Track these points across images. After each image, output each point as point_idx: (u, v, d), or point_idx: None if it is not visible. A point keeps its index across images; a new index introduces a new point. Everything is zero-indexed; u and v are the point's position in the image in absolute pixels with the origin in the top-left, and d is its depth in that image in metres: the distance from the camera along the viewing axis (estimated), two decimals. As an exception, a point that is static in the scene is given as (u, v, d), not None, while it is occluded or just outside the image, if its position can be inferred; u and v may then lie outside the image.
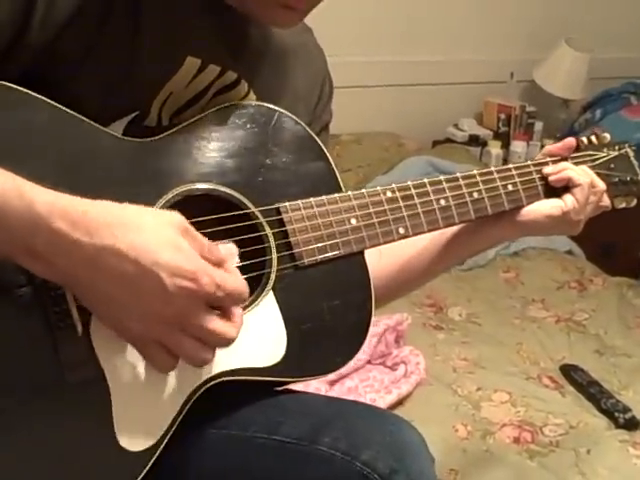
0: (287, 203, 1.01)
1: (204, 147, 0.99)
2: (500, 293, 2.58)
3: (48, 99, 0.88)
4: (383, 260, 1.19)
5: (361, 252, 1.06)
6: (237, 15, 1.00)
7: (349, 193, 1.06)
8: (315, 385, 1.85)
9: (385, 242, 1.07)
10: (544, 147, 1.29)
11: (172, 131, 0.98)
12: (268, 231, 1.00)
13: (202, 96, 1.02)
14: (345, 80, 2.90)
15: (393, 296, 1.28)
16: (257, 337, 0.98)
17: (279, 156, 1.04)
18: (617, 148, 1.29)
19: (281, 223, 1.00)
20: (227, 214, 0.98)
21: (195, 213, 0.95)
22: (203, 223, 0.94)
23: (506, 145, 3.47)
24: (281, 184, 1.03)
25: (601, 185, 1.21)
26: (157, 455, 0.91)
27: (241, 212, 0.99)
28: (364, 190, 1.07)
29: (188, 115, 1.01)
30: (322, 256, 1.02)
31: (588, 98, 3.60)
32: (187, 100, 1.01)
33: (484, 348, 2.21)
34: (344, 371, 1.96)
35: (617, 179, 1.28)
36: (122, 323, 0.82)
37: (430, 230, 1.12)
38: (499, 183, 1.17)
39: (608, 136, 1.30)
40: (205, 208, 0.96)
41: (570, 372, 2.12)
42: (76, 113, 0.90)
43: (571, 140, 1.25)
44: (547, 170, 1.21)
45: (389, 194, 1.08)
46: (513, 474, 1.71)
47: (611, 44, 3.69)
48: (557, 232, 1.26)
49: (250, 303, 0.98)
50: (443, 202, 1.12)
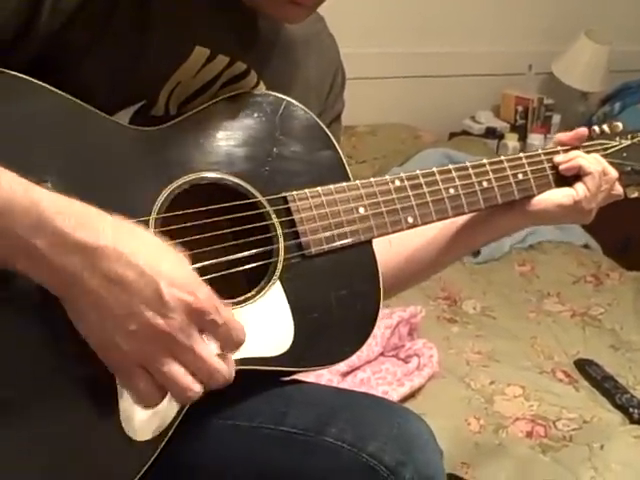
0: (294, 192, 1.00)
1: (211, 136, 0.99)
2: (515, 286, 2.56)
3: (54, 87, 0.88)
4: (392, 250, 1.18)
5: (369, 241, 1.05)
6: (247, 7, 1.00)
7: (357, 182, 1.05)
8: (327, 377, 1.85)
9: (394, 231, 1.06)
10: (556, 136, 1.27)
11: (178, 120, 0.98)
12: (275, 220, 0.99)
13: (210, 86, 1.02)
14: (362, 71, 2.91)
15: (402, 286, 1.27)
16: (264, 327, 0.97)
17: (287, 145, 1.03)
18: (630, 137, 1.27)
19: (288, 212, 1.00)
20: (234, 203, 0.97)
21: (201, 202, 0.94)
22: (210, 212, 0.94)
23: (523, 138, 3.44)
24: (288, 173, 1.02)
25: (613, 173, 1.20)
26: (163, 445, 0.90)
27: (248, 201, 0.98)
28: (372, 179, 1.05)
29: (196, 105, 1.00)
30: (329, 245, 1.01)
31: (607, 91, 3.57)
32: (195, 90, 1.01)
33: (498, 342, 2.20)
34: (357, 363, 1.96)
35: (630, 168, 1.26)
36: (110, 339, 0.78)
37: (439, 219, 1.11)
38: (509, 172, 1.16)
39: (621, 125, 1.28)
40: (212, 197, 0.95)
41: (585, 367, 2.10)
42: (82, 102, 0.89)
43: (583, 130, 1.23)
44: (558, 159, 1.20)
45: (397, 183, 1.07)
46: (525, 468, 1.70)
47: (631, 37, 3.66)
48: (568, 221, 1.24)
49: (257, 292, 0.97)
50: (452, 191, 1.11)
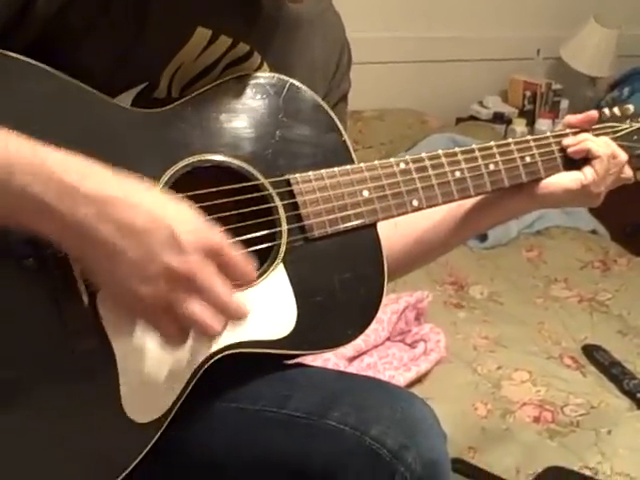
0: (298, 175, 1.00)
1: (214, 118, 0.98)
2: (522, 272, 2.55)
3: (54, 69, 0.87)
4: (398, 232, 1.17)
5: (373, 224, 1.04)
6: None
7: (361, 165, 1.04)
8: (334, 361, 1.85)
9: (398, 214, 1.06)
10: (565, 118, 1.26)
11: (181, 102, 0.97)
12: (278, 203, 0.98)
13: (213, 68, 1.01)
14: (369, 56, 2.90)
15: (408, 269, 1.26)
16: (267, 309, 0.97)
17: (290, 127, 1.02)
18: None
19: (291, 195, 0.99)
20: (237, 185, 0.97)
21: (204, 184, 0.94)
22: (212, 194, 0.93)
23: (531, 123, 3.42)
24: (292, 156, 1.01)
25: (622, 156, 1.18)
26: (165, 427, 0.90)
27: (251, 183, 0.98)
28: (377, 162, 1.05)
29: (199, 87, 1.00)
30: (333, 228, 1.01)
31: (616, 76, 3.55)
32: (198, 72, 1.00)
33: (505, 327, 2.20)
34: (363, 348, 1.95)
35: None
36: (130, 287, 0.78)
37: (445, 202, 1.10)
38: (517, 155, 1.15)
39: (632, 107, 1.26)
40: (214, 179, 0.95)
41: (592, 352, 2.09)
42: (82, 84, 0.89)
43: (593, 113, 1.22)
44: (566, 142, 1.18)
45: (402, 166, 1.06)
46: (532, 453, 1.70)
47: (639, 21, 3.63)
48: (576, 204, 1.23)
49: (260, 275, 0.96)
50: (458, 174, 1.10)
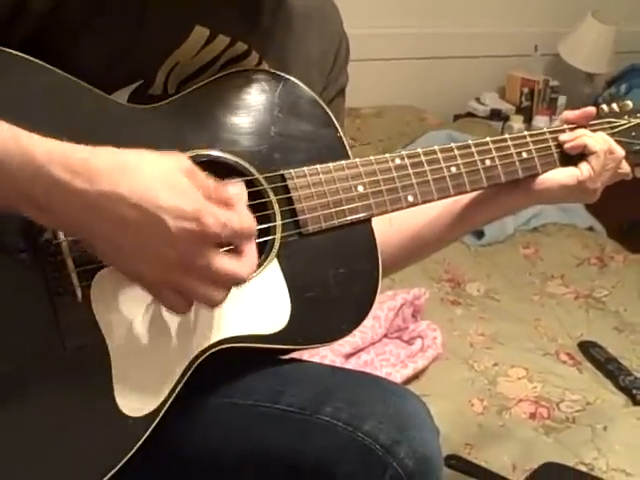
0: (292, 170, 0.99)
1: (209, 113, 0.98)
2: (519, 269, 2.55)
3: (50, 66, 0.87)
4: (394, 227, 1.17)
5: (368, 220, 1.04)
6: None
7: (356, 160, 1.04)
8: (331, 358, 1.85)
9: (393, 210, 1.05)
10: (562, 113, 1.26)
11: (176, 97, 0.97)
12: (272, 198, 0.98)
13: (210, 66, 1.01)
14: (367, 53, 2.89)
15: (403, 264, 1.26)
16: (261, 304, 0.97)
17: (285, 123, 1.02)
18: (639, 116, 1.25)
19: (286, 190, 0.99)
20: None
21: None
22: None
23: (528, 120, 3.42)
24: (287, 151, 1.01)
25: (619, 151, 1.18)
26: (158, 421, 0.90)
27: (245, 178, 0.98)
28: (372, 157, 1.04)
29: (195, 85, 0.99)
30: (328, 223, 1.01)
31: (613, 72, 3.55)
32: (195, 70, 1.00)
33: (502, 324, 2.20)
34: (360, 344, 1.95)
35: (638, 147, 1.23)
36: (133, 268, 0.81)
37: (440, 198, 1.09)
38: (513, 150, 1.14)
39: (630, 103, 1.26)
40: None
41: (588, 348, 2.10)
42: (79, 80, 0.89)
43: (591, 109, 1.21)
44: (563, 137, 1.18)
45: (398, 161, 1.06)
46: (528, 450, 1.70)
47: (637, 17, 3.63)
48: (573, 200, 1.23)
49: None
50: (454, 169, 1.10)
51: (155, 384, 0.90)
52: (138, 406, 0.89)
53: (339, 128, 1.07)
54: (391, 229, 1.16)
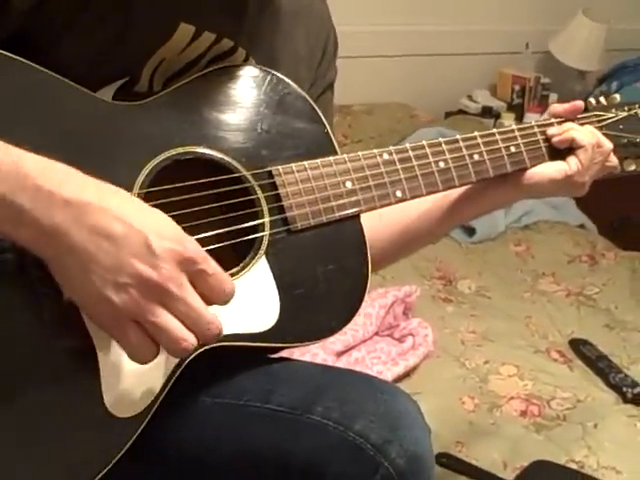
0: (280, 166, 0.99)
1: (195, 110, 0.97)
2: (510, 266, 2.55)
3: (33, 64, 0.86)
4: (383, 222, 1.17)
5: (357, 216, 1.04)
6: None
7: (344, 156, 1.03)
8: (322, 356, 1.84)
9: (382, 206, 1.05)
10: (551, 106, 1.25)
11: (162, 94, 0.96)
12: (260, 194, 0.97)
13: (196, 63, 1.00)
14: (357, 50, 2.90)
15: (393, 259, 1.26)
16: (249, 302, 0.96)
17: (272, 119, 1.01)
18: (627, 109, 1.25)
19: (273, 186, 0.98)
20: (218, 177, 0.96)
21: (185, 177, 0.93)
22: (194, 187, 0.93)
23: (520, 117, 3.42)
24: (274, 148, 1.00)
25: (607, 145, 1.17)
26: (147, 422, 0.89)
27: (233, 175, 0.97)
28: (360, 153, 1.04)
29: (181, 81, 0.99)
30: (316, 220, 1.00)
31: (604, 70, 3.55)
32: (181, 67, 0.99)
33: (493, 321, 2.20)
34: (352, 342, 1.95)
35: (626, 140, 1.23)
36: (99, 294, 0.77)
37: (429, 193, 1.09)
38: (501, 145, 1.14)
39: (618, 97, 1.26)
40: (196, 172, 0.94)
41: (579, 346, 2.10)
42: (63, 78, 0.88)
43: (579, 103, 1.21)
44: (551, 131, 1.18)
45: (386, 156, 1.05)
46: (519, 447, 1.70)
47: (628, 15, 3.63)
48: (562, 194, 1.23)
49: (242, 268, 0.96)
50: (442, 164, 1.09)
51: (144, 384, 0.89)
52: (127, 406, 0.88)
53: (327, 124, 1.06)
54: (380, 224, 1.16)
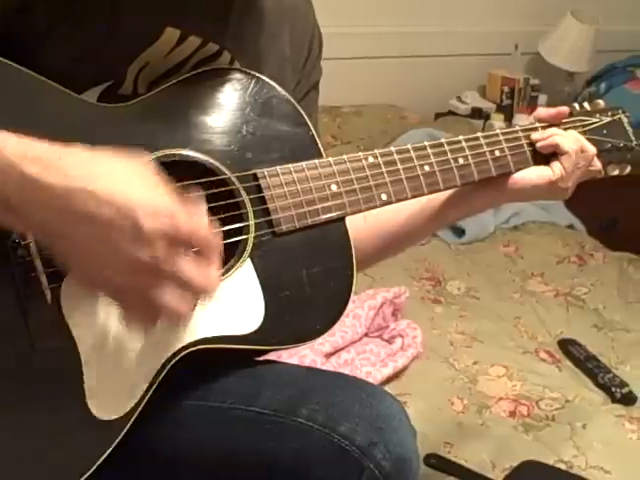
0: (265, 169, 0.99)
1: (180, 113, 0.97)
2: (499, 267, 2.55)
3: (17, 65, 0.86)
4: (367, 224, 1.17)
5: (342, 218, 1.04)
6: None
7: (329, 159, 1.03)
8: (311, 357, 1.84)
9: (367, 208, 1.05)
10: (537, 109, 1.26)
11: (146, 96, 0.96)
12: (245, 197, 0.98)
13: (182, 67, 1.00)
14: (346, 51, 2.90)
15: (377, 259, 1.26)
16: (234, 304, 0.96)
17: (257, 122, 1.02)
18: (610, 114, 1.26)
19: (259, 189, 0.98)
20: (203, 180, 0.96)
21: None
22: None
23: (509, 118, 3.42)
24: (259, 150, 1.01)
25: (591, 149, 1.18)
26: (131, 424, 0.89)
27: (217, 178, 0.97)
28: (345, 156, 1.04)
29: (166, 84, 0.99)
30: (301, 222, 1.00)
31: (593, 71, 3.56)
32: (166, 70, 0.99)
33: (482, 322, 2.19)
34: (341, 344, 1.95)
35: (610, 145, 1.24)
36: (100, 273, 0.78)
37: (414, 196, 1.09)
38: (486, 149, 1.14)
39: (602, 102, 1.28)
40: (181, 174, 0.94)
41: (568, 346, 2.10)
42: (46, 79, 0.88)
43: (564, 109, 1.22)
44: (535, 136, 1.18)
45: (371, 159, 1.06)
46: (508, 448, 1.70)
47: (617, 16, 3.63)
48: (545, 198, 1.24)
49: (227, 270, 0.96)
50: (427, 168, 1.10)
51: (128, 386, 0.89)
52: (110, 409, 0.88)
53: (312, 127, 1.06)
54: (364, 225, 1.16)
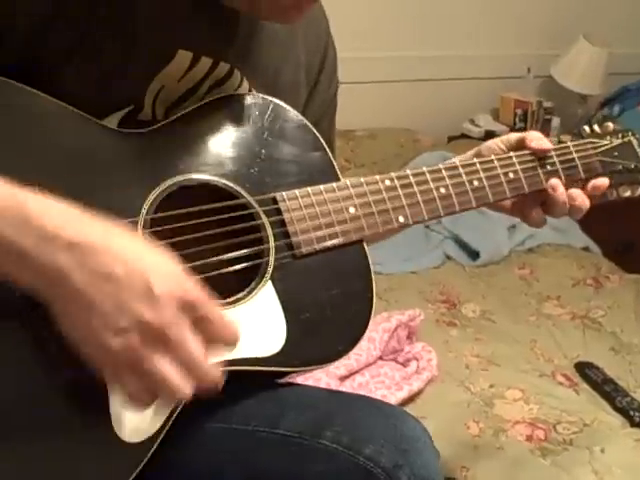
0: (284, 192, 1.00)
1: (199, 138, 0.99)
2: (515, 290, 2.54)
3: (38, 91, 0.87)
4: None
5: (360, 240, 1.04)
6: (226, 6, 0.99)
7: (347, 182, 1.04)
8: (326, 380, 1.84)
9: (385, 231, 1.06)
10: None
11: (166, 122, 0.97)
12: (265, 220, 0.98)
13: (196, 90, 1.01)
14: (360, 76, 2.92)
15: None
16: (256, 327, 0.96)
17: (275, 146, 1.03)
18: (621, 136, 1.27)
19: (278, 212, 0.99)
20: (223, 204, 0.96)
21: (190, 204, 0.94)
22: (199, 213, 0.93)
23: (522, 141, 3.42)
24: (277, 174, 1.02)
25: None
26: (155, 447, 0.89)
27: (237, 201, 0.98)
28: (362, 179, 1.05)
29: (183, 109, 1.00)
30: (320, 245, 1.01)
31: (606, 94, 3.56)
32: (181, 94, 1.00)
33: (498, 345, 2.18)
34: (355, 367, 1.94)
35: (621, 167, 1.26)
36: (98, 339, 0.76)
37: (431, 219, 1.10)
38: (500, 171, 1.15)
39: (612, 125, 1.29)
40: (200, 199, 0.95)
41: (585, 370, 2.09)
42: (66, 104, 0.89)
43: (548, 147, 1.19)
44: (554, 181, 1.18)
45: (388, 183, 1.06)
46: (525, 472, 1.68)
47: (630, 39, 3.65)
48: None
49: (248, 293, 0.96)
50: (443, 190, 1.10)
51: (152, 410, 0.89)
52: (135, 432, 0.88)
53: (329, 151, 1.07)
54: None
